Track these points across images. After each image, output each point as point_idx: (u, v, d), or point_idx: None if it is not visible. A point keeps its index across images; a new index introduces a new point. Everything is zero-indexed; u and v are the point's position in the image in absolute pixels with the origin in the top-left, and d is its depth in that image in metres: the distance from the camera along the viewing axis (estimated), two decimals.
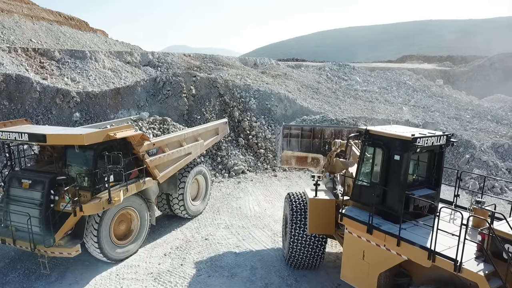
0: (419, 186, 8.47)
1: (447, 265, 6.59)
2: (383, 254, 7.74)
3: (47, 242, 10.12)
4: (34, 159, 13.05)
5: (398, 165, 7.88)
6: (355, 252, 8.41)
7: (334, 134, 13.35)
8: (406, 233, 7.48)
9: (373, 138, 8.43)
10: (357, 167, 8.87)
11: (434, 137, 8.00)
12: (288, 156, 13.36)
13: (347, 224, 8.55)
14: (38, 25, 34.88)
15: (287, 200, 11.16)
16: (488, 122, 27.69)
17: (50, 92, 20.65)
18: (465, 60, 67.42)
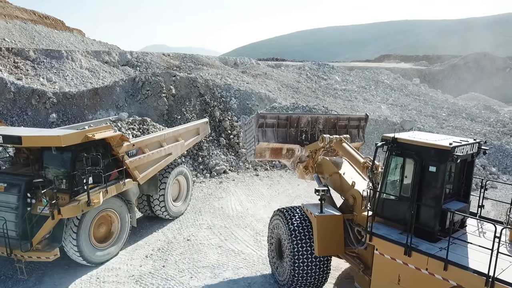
0: (450, 198, 7.71)
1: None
2: (425, 279, 6.81)
3: (24, 246, 9.88)
4: (9, 161, 12.71)
5: (433, 177, 7.07)
6: (388, 276, 7.48)
7: (311, 122, 12.22)
8: (450, 254, 6.58)
9: (402, 147, 7.58)
10: (382, 179, 8.00)
11: (469, 145, 7.37)
12: (262, 148, 11.81)
13: (378, 245, 7.67)
14: (12, 24, 33.94)
15: (280, 218, 9.84)
16: (463, 120, 28.46)
17: (25, 93, 20.14)
18: (440, 59, 69.13)
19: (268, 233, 10.84)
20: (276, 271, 10.33)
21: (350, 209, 9.42)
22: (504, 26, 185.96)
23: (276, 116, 12.12)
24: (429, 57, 74.36)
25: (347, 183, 9.72)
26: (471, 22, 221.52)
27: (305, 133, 12.18)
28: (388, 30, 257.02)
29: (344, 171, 10.16)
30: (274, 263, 10.43)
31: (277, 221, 10.04)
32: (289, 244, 9.31)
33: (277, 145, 12.03)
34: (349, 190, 9.54)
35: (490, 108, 33.86)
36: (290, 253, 9.23)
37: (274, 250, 10.43)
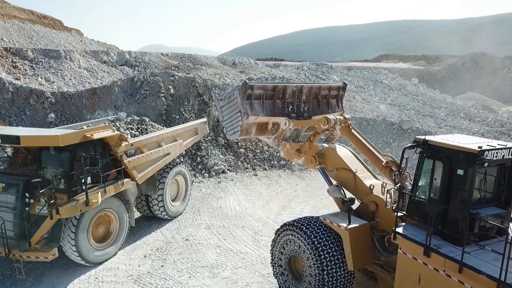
0: (487, 204, 7.55)
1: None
2: (442, 280, 6.91)
3: (22, 246, 9.88)
4: (7, 161, 12.70)
5: (461, 180, 7.06)
6: (409, 275, 7.58)
7: (295, 93, 11.04)
8: (470, 258, 6.63)
9: (433, 150, 7.60)
10: (414, 180, 8.05)
11: (505, 149, 7.20)
12: (249, 124, 10.45)
13: (401, 244, 7.74)
14: (10, 24, 33.87)
15: (296, 233, 9.13)
16: (461, 120, 28.51)
17: (24, 93, 20.11)
18: (438, 59, 69.23)
19: (274, 252, 9.91)
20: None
21: (370, 216, 9.13)
22: (502, 26, 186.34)
23: (263, 86, 10.66)
24: (427, 57, 74.47)
25: (365, 187, 9.35)
26: (469, 22, 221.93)
27: (291, 105, 11.07)
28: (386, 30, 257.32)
29: (355, 168, 9.70)
30: (286, 282, 9.64)
31: (290, 237, 9.26)
32: (314, 261, 8.68)
33: (265, 119, 10.76)
34: (369, 195, 9.23)
35: (488, 108, 33.92)
36: (318, 270, 8.63)
37: (285, 269, 9.66)
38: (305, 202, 16.70)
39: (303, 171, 20.62)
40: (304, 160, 10.48)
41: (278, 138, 10.89)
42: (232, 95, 10.53)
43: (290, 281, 9.57)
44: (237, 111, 10.46)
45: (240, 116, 10.28)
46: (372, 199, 9.09)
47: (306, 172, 20.48)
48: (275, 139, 10.99)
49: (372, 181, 9.59)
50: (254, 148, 21.61)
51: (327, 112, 11.39)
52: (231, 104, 10.71)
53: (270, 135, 11.00)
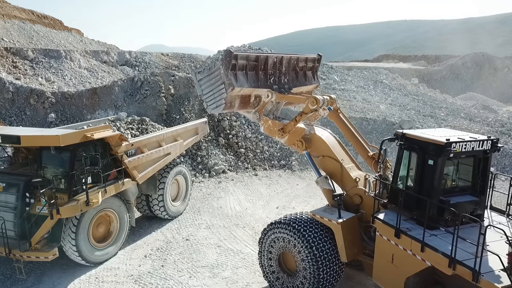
0: (461, 192, 8.14)
1: (466, 274, 6.44)
2: (409, 259, 7.58)
3: (22, 246, 9.89)
4: (8, 161, 12.70)
5: (432, 170, 7.65)
6: (385, 255, 8.25)
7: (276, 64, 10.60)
8: (434, 239, 7.25)
9: (409, 142, 8.22)
10: (394, 170, 8.68)
11: (474, 141, 7.66)
12: (233, 96, 9.92)
13: (378, 227, 8.40)
14: (10, 24, 33.87)
15: (286, 231, 9.33)
16: (461, 120, 28.49)
17: (24, 93, 20.12)
18: (438, 59, 69.17)
19: (262, 251, 10.09)
20: (282, 287, 9.76)
21: (355, 208, 9.49)
22: (502, 26, 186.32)
23: (246, 56, 10.06)
24: (427, 57, 74.40)
25: (351, 179, 9.60)
26: (469, 22, 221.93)
27: (273, 76, 10.70)
28: (386, 30, 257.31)
29: (342, 158, 9.89)
30: (278, 279, 9.83)
31: (279, 235, 9.50)
32: (308, 256, 8.93)
33: (249, 91, 10.26)
34: (354, 188, 9.54)
35: (489, 108, 33.89)
36: (312, 264, 8.90)
37: (276, 267, 9.86)
38: (306, 202, 16.69)
39: (304, 171, 20.62)
40: (287, 140, 10.32)
41: (260, 112, 10.59)
42: (214, 67, 9.90)
43: (282, 278, 9.71)
44: (220, 83, 9.91)
45: (224, 88, 9.77)
46: (357, 192, 9.50)
47: (306, 172, 20.48)
48: (255, 112, 10.67)
49: (356, 172, 9.91)
50: (254, 148, 21.61)
51: (305, 84, 11.44)
52: (212, 76, 10.11)
53: (252, 108, 10.64)
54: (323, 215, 9.22)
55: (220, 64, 9.63)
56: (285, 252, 9.61)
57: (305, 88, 11.58)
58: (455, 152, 7.42)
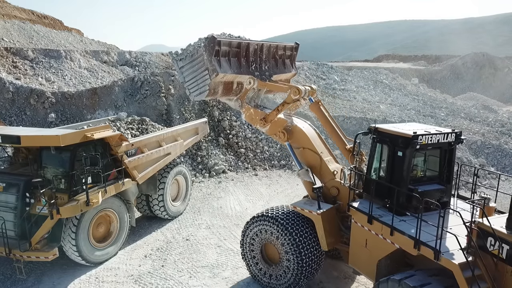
0: (429, 181, 8.75)
1: (429, 253, 7.03)
2: (381, 243, 8.17)
3: (23, 246, 9.89)
4: (8, 161, 12.70)
5: (401, 161, 8.25)
6: (359, 240, 8.82)
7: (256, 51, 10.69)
8: (403, 224, 7.89)
9: (381, 135, 8.79)
10: (368, 162, 9.27)
11: (439, 134, 8.25)
12: (217, 82, 9.93)
13: (353, 215, 8.95)
14: (10, 24, 33.85)
15: (269, 223, 9.81)
16: (461, 120, 28.48)
17: (24, 93, 20.12)
18: (439, 59, 69.15)
19: (245, 244, 10.48)
20: (264, 278, 10.20)
21: (332, 199, 10.05)
22: (503, 26, 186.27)
23: (228, 42, 10.11)
24: (427, 57, 74.39)
25: (329, 172, 10.10)
26: (470, 22, 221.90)
27: (254, 63, 10.85)
28: (386, 30, 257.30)
29: (321, 150, 10.35)
30: (261, 270, 10.25)
31: (262, 227, 9.93)
32: (291, 246, 9.37)
33: (232, 77, 10.34)
34: (331, 181, 10.08)
35: (489, 108, 33.89)
36: (295, 254, 9.34)
37: (259, 258, 10.28)
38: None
39: None
40: (269, 130, 10.67)
41: (242, 99, 10.81)
42: (196, 53, 9.91)
43: (264, 269, 10.20)
44: (203, 69, 9.94)
45: (208, 75, 9.81)
46: (334, 184, 10.04)
47: None
48: (237, 100, 10.86)
49: (334, 165, 10.44)
50: (254, 148, 21.61)
51: (284, 72, 11.72)
52: (195, 63, 10.11)
53: (234, 96, 10.79)
54: (303, 207, 9.70)
55: (203, 51, 9.66)
56: (267, 244, 10.09)
57: (284, 76, 11.91)
58: (422, 144, 8.03)
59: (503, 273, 6.54)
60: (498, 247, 6.53)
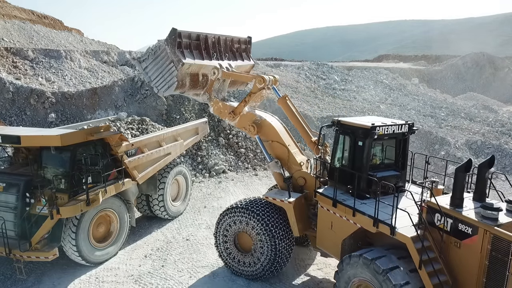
0: (386, 168, 9.67)
1: (386, 230, 7.92)
2: (344, 224, 9.02)
3: (23, 246, 9.88)
4: (8, 161, 12.69)
5: (361, 150, 9.10)
6: (325, 223, 9.62)
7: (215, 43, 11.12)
8: (364, 206, 8.74)
9: (343, 128, 9.60)
10: (332, 152, 10.06)
11: (394, 125, 9.15)
12: (183, 74, 10.20)
13: (319, 200, 9.74)
14: (10, 24, 33.85)
15: (242, 214, 10.35)
16: (461, 120, 28.49)
17: (24, 93, 20.12)
18: (439, 59, 69.19)
19: (218, 235, 10.94)
20: (238, 266, 10.78)
21: (299, 188, 10.74)
22: (503, 26, 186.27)
23: (188, 34, 10.50)
24: (427, 57, 74.43)
25: (297, 163, 10.79)
26: (469, 22, 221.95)
27: (215, 54, 11.32)
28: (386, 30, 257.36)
29: (288, 143, 10.99)
30: (234, 259, 10.82)
31: (236, 218, 10.49)
32: (264, 233, 10.03)
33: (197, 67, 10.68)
34: (298, 172, 10.75)
35: (489, 108, 33.91)
36: (268, 240, 10.01)
37: (232, 247, 10.82)
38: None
39: None
40: (238, 123, 11.19)
41: (209, 92, 11.20)
42: (159, 49, 10.28)
43: (238, 257, 10.75)
44: (168, 63, 10.24)
45: (174, 66, 10.12)
46: (301, 174, 10.74)
47: None
48: (205, 93, 11.27)
49: (301, 157, 11.14)
50: (254, 148, 21.60)
51: (243, 63, 12.33)
52: (159, 59, 10.39)
53: (201, 89, 11.24)
54: (275, 197, 10.40)
55: (165, 44, 10.07)
56: (240, 234, 10.65)
57: (244, 68, 12.41)
58: (379, 135, 8.90)
59: (448, 243, 7.57)
60: (444, 221, 7.59)
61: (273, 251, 10.03)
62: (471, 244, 7.20)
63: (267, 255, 10.11)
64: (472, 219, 7.22)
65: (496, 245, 6.85)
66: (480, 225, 7.07)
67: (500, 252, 6.81)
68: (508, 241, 6.64)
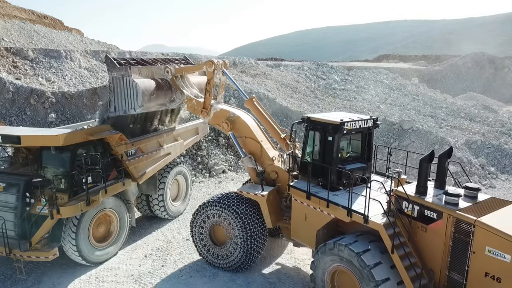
0: (353, 161, 10.27)
1: (359, 219, 8.44)
2: (318, 215, 9.47)
3: (23, 246, 9.90)
4: (8, 161, 12.69)
5: (331, 144, 9.57)
6: (300, 215, 10.04)
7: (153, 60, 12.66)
8: (336, 198, 9.21)
9: (313, 124, 10.03)
10: (302, 147, 10.46)
11: (361, 121, 9.76)
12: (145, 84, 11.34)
13: (293, 193, 10.16)
14: (10, 24, 33.86)
15: (217, 208, 10.75)
16: (461, 120, 28.48)
17: (24, 93, 20.12)
18: (439, 59, 69.19)
19: (194, 229, 11.35)
20: (213, 258, 11.20)
21: (272, 182, 11.15)
22: (503, 26, 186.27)
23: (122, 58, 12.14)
24: (427, 57, 74.43)
25: (269, 158, 11.25)
26: (469, 22, 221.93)
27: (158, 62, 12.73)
28: (386, 30, 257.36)
29: (261, 139, 11.47)
30: (209, 251, 11.22)
31: (211, 212, 10.89)
32: (238, 226, 10.47)
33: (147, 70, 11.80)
34: (271, 166, 11.18)
35: (489, 108, 33.90)
36: (242, 232, 10.44)
37: (207, 240, 11.22)
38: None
39: None
40: (212, 120, 11.79)
41: (177, 89, 12.07)
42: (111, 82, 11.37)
43: (213, 250, 11.16)
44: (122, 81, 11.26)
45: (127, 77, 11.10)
46: (274, 169, 11.19)
47: None
48: (176, 92, 12.05)
49: (273, 152, 11.61)
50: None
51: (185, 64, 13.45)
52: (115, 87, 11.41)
53: (169, 92, 12.08)
54: (249, 191, 10.79)
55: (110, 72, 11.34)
56: (215, 227, 11.08)
57: None
58: (347, 129, 9.44)
59: (415, 228, 8.22)
60: (411, 208, 8.22)
61: (247, 243, 10.45)
62: (436, 228, 7.86)
63: (241, 247, 10.53)
64: (437, 205, 7.88)
65: (459, 228, 7.51)
66: (444, 210, 7.74)
67: (462, 233, 7.46)
68: (469, 223, 7.30)
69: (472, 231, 7.28)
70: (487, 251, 7.11)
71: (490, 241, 7.06)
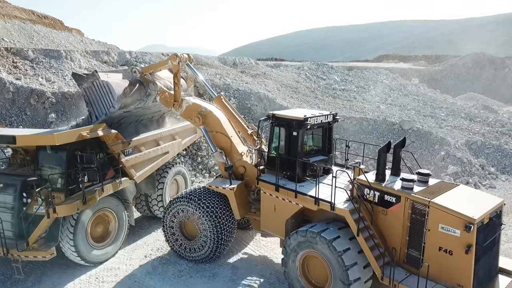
0: (316, 154, 11.01)
1: (326, 206, 9.06)
2: (287, 205, 10.03)
3: (20, 246, 9.88)
4: (6, 162, 12.68)
5: (295, 139, 10.14)
6: (269, 207, 10.55)
7: None
8: (303, 188, 9.84)
9: (279, 120, 10.58)
10: (268, 143, 11.03)
11: (322, 116, 10.43)
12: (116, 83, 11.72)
13: (262, 187, 10.67)
14: (10, 24, 33.86)
15: (187, 203, 11.15)
16: (462, 120, 28.43)
17: (24, 93, 20.11)
18: (439, 59, 69.15)
19: (165, 224, 11.69)
20: (185, 252, 11.54)
21: (240, 176, 11.64)
22: (503, 26, 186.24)
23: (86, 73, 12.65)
24: (427, 57, 74.40)
25: (238, 153, 11.71)
26: (469, 22, 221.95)
27: None
28: (386, 30, 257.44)
29: (231, 134, 11.89)
30: (181, 246, 11.58)
31: (182, 207, 11.26)
32: (208, 219, 10.88)
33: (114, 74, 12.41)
34: (239, 161, 11.64)
35: (489, 108, 33.85)
36: (212, 225, 10.86)
37: (178, 235, 11.62)
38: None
39: None
40: (183, 113, 12.18)
41: (148, 82, 12.38)
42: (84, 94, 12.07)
43: (184, 244, 11.54)
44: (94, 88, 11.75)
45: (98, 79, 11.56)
46: (242, 163, 11.68)
47: None
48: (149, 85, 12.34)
49: (242, 147, 12.07)
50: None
51: None
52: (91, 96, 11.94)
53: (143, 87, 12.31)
54: (218, 185, 11.29)
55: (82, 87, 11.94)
56: (185, 221, 11.48)
57: None
58: (310, 125, 10.04)
59: (376, 212, 8.92)
60: (372, 194, 8.91)
61: (216, 235, 10.90)
62: (395, 210, 8.60)
63: (211, 239, 10.96)
64: (395, 190, 8.61)
65: (415, 209, 8.28)
66: (401, 194, 8.48)
67: (418, 214, 8.24)
68: (424, 204, 8.07)
69: (427, 211, 8.04)
70: (440, 228, 7.88)
71: (443, 219, 7.83)
